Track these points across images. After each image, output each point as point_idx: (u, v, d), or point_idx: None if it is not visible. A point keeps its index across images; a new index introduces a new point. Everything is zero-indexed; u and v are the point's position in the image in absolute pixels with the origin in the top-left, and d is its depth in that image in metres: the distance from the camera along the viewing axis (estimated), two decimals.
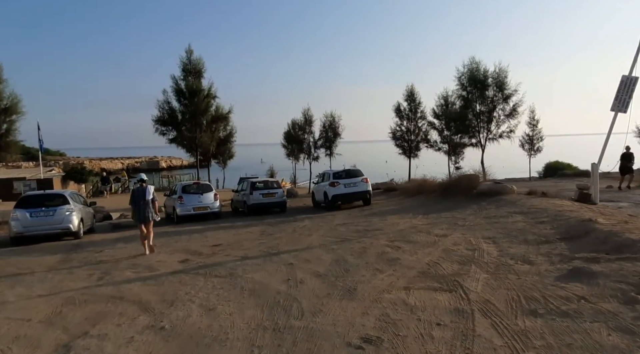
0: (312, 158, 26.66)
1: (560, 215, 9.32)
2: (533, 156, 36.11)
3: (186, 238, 12.51)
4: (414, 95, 26.73)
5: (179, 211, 16.74)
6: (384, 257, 7.84)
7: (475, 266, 6.56)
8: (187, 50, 21.34)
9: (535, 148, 35.69)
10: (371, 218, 13.61)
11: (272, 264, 8.13)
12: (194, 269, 8.27)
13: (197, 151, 21.79)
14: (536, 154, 36.29)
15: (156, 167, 72.84)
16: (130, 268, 8.87)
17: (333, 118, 25.58)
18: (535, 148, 35.65)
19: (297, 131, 27.11)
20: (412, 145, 26.81)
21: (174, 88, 21.00)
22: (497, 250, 7.46)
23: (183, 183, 17.97)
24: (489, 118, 18.29)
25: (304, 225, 13.37)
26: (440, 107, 23.84)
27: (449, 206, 13.79)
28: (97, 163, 71.50)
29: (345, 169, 18.18)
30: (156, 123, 21.03)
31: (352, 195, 17.40)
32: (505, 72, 17.94)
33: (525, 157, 36.18)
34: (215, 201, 17.29)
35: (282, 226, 13.41)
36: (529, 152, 35.97)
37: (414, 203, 16.24)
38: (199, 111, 20.68)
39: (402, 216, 13.14)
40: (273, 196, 18.11)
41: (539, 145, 35.78)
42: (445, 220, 11.42)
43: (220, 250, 10.13)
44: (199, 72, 21.25)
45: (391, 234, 10.19)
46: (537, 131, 35.70)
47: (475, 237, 8.69)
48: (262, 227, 13.64)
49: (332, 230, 11.68)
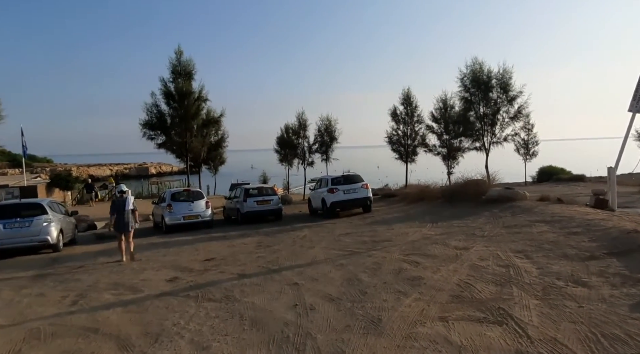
0: (306, 164, 25.54)
1: (594, 224, 8.34)
2: (528, 160, 35.62)
3: (175, 250, 11.29)
4: (411, 99, 25.84)
5: (168, 221, 15.49)
6: (403, 275, 6.76)
7: (518, 289, 5.51)
8: (176, 51, 20.17)
9: (531, 152, 35.27)
10: (376, 226, 12.53)
11: (274, 283, 7.00)
12: (183, 290, 7.10)
13: (187, 156, 20.55)
14: (531, 158, 35.81)
15: (145, 173, 71.08)
16: (111, 288, 7.67)
17: (329, 122, 24.54)
18: (530, 152, 35.24)
19: (291, 135, 26.01)
20: (408, 150, 25.88)
21: (162, 90, 19.74)
22: (535, 267, 6.42)
23: (172, 190, 16.71)
24: (493, 120, 17.38)
25: (303, 235, 12.24)
26: (439, 110, 22.96)
27: (458, 214, 12.79)
28: (85, 170, 69.50)
29: (344, 174, 17.10)
30: (144, 128, 19.74)
31: (351, 202, 16.33)
32: (510, 73, 17.10)
33: (519, 161, 35.69)
34: (206, 210, 16.07)
35: (280, 237, 12.27)
36: (525, 157, 35.51)
37: (418, 210, 15.21)
38: (189, 114, 19.47)
39: (409, 225, 12.09)
40: (268, 203, 16.96)
41: (535, 149, 35.36)
42: (459, 230, 10.38)
43: (213, 265, 8.96)
44: (189, 74, 20.02)
45: (403, 246, 9.12)
46: (532, 135, 35.22)
47: (502, 250, 7.65)
48: (258, 238, 12.48)
49: (336, 241, 10.58)
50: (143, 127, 19.61)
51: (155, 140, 19.87)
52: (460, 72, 18.06)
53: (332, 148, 24.60)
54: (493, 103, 17.15)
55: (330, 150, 24.65)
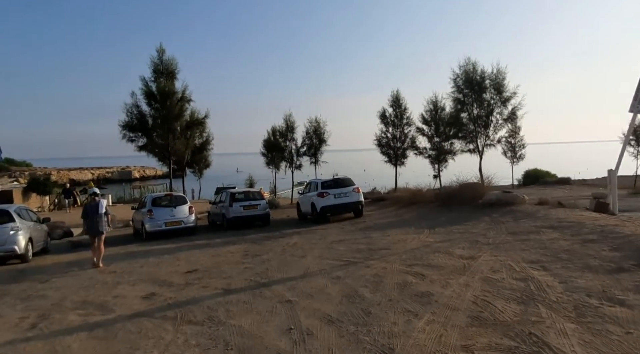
0: (294, 167, 24.69)
1: (609, 231, 7.71)
2: (515, 163, 35.42)
3: (155, 260, 10.33)
4: (400, 101, 25.23)
5: (148, 227, 14.48)
6: (410, 290, 5.99)
7: (546, 308, 4.78)
8: (158, 49, 19.01)
9: (518, 155, 35.09)
10: (370, 233, 11.76)
11: (263, 301, 6.15)
12: (160, 309, 6.20)
13: (169, 159, 19.49)
14: (518, 162, 35.65)
15: (128, 177, 69.28)
16: (78, 307, 6.72)
17: (318, 123, 23.73)
18: (517, 155, 35.05)
19: (278, 138, 25.13)
20: (398, 153, 25.24)
21: (143, 90, 18.65)
22: (557, 280, 5.71)
23: (153, 195, 15.68)
24: (486, 122, 16.81)
25: (293, 242, 11.39)
26: (429, 112, 22.36)
27: (456, 219, 12.11)
28: (65, 174, 67.33)
29: (334, 178, 16.32)
30: (124, 129, 18.62)
31: (342, 206, 15.54)
32: (504, 73, 16.52)
33: (506, 164, 35.46)
34: (190, 215, 15.10)
35: (269, 244, 11.40)
36: (512, 160, 35.30)
37: (412, 215, 14.52)
38: (171, 115, 18.44)
39: (405, 231, 11.36)
40: (255, 208, 16.06)
41: (521, 152, 35.19)
42: (461, 236, 9.67)
43: (195, 278, 8.06)
44: (172, 73, 18.97)
45: (403, 255, 8.36)
46: (519, 138, 35.04)
47: (514, 260, 6.94)
48: (245, 245, 11.59)
49: (329, 249, 9.76)
50: (123, 128, 18.51)
51: (136, 142, 18.78)
52: (453, 73, 17.49)
53: (321, 151, 23.79)
54: (486, 104, 16.60)
55: (319, 152, 23.83)
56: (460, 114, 16.90)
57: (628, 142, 35.78)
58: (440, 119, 21.98)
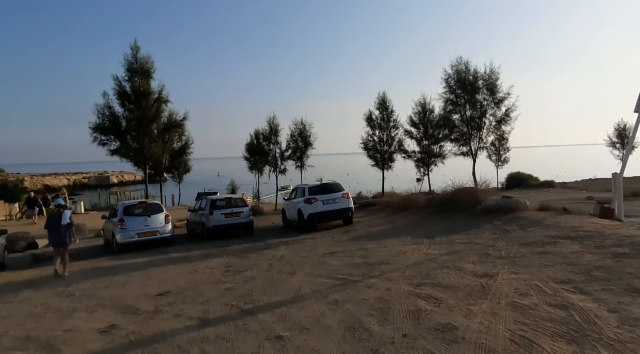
0: (278, 171, 23.47)
1: (638, 243, 6.77)
2: (500, 167, 34.98)
3: (122, 279, 8.99)
4: (387, 103, 24.33)
5: (119, 239, 13.07)
6: (426, 321, 4.89)
7: (607, 351, 3.74)
8: (132, 46, 17.51)
9: (502, 159, 34.65)
10: (364, 243, 10.66)
11: (248, 337, 4.97)
12: (119, 350, 4.96)
13: (145, 164, 18.05)
14: (503, 165, 35.22)
15: (106, 182, 66.76)
16: (18, 346, 5.42)
17: (304, 126, 22.58)
18: (502, 159, 34.61)
19: (262, 141, 23.90)
20: (385, 156, 24.30)
21: (116, 90, 17.17)
22: (604, 308, 4.70)
23: (125, 203, 14.24)
24: (479, 124, 15.95)
25: (280, 254, 10.20)
26: (417, 114, 21.51)
27: (454, 227, 11.13)
28: (39, 180, 64.52)
29: (322, 183, 15.19)
30: (94, 132, 17.08)
31: (331, 213, 14.41)
32: (497, 74, 15.73)
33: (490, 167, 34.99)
34: (165, 225, 13.73)
35: (253, 257, 10.19)
36: (496, 163, 34.85)
37: (405, 222, 13.49)
38: (147, 117, 17.03)
39: (402, 241, 10.30)
40: (237, 216, 14.79)
41: (506, 156, 34.77)
42: (466, 248, 8.66)
43: (167, 303, 6.81)
44: (147, 72, 17.49)
45: (407, 271, 7.28)
46: (504, 142, 34.63)
47: (540, 280, 5.92)
48: (226, 259, 10.35)
49: (322, 264, 8.62)
50: (93, 130, 16.96)
51: (108, 145, 17.27)
52: (445, 73, 16.59)
53: (306, 155, 22.63)
54: (479, 105, 15.76)
55: (305, 156, 22.66)
56: (452, 115, 16.00)
57: (613, 145, 35.41)
58: (429, 121, 21.16)
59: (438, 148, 21.42)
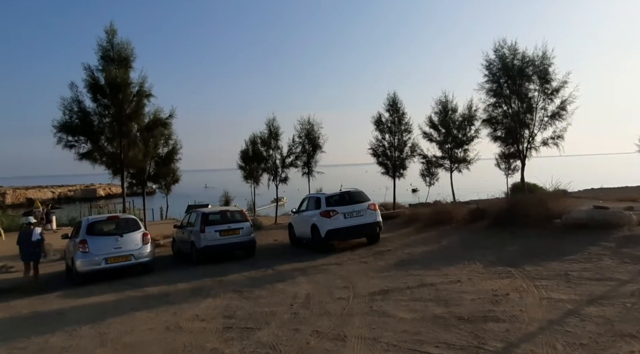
0: (278, 180, 20.08)
1: None
2: (510, 175, 32.03)
3: (59, 343, 5.47)
4: (397, 105, 21.23)
5: (80, 266, 9.51)
6: None
7: None
8: (107, 29, 14.07)
9: (512, 167, 31.74)
10: (415, 272, 7.32)
11: None
12: None
13: (122, 171, 14.47)
14: (513, 173, 32.28)
15: (93, 195, 62.30)
16: None
17: (311, 125, 19.25)
18: (512, 167, 31.69)
19: (260, 147, 20.52)
20: (396, 163, 21.10)
21: (88, 81, 13.68)
22: None
23: (91, 218, 10.64)
24: (522, 121, 12.75)
25: (304, 293, 6.79)
26: (439, 114, 18.39)
27: (534, 248, 7.90)
28: (22, 193, 59.92)
29: (342, 191, 11.81)
30: (59, 131, 13.45)
31: (355, 230, 11.04)
32: (550, 59, 12.57)
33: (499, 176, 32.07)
34: (143, 246, 10.19)
35: (264, 297, 6.76)
36: (506, 171, 31.90)
37: (452, 240, 10.20)
38: (125, 114, 13.59)
39: (472, 270, 7.03)
40: (236, 233, 11.33)
41: (516, 164, 31.87)
42: (604, 288, 5.38)
43: None
44: (126, 61, 13.90)
45: (557, 343, 3.96)
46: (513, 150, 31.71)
47: None
48: (224, 299, 6.90)
49: (379, 316, 5.24)
50: (58, 130, 13.37)
51: (77, 148, 13.67)
52: (486, 58, 13.34)
53: (315, 159, 19.23)
54: (528, 97, 12.63)
55: (313, 161, 19.26)
56: (495, 109, 12.87)
57: None
58: (453, 122, 18.06)
59: (462, 152, 18.28)
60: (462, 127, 18.06)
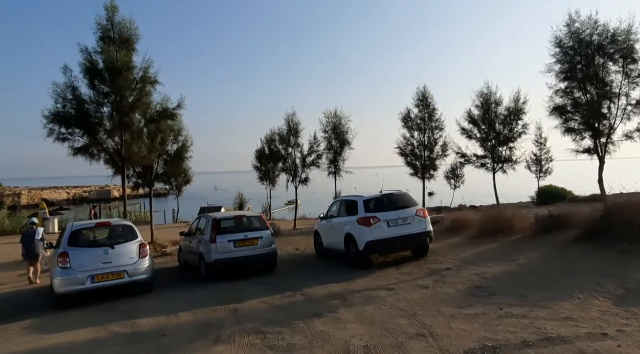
0: (298, 181, 17.82)
1: None
2: (542, 178, 29.33)
3: None
4: (428, 100, 18.90)
5: (58, 286, 7.34)
6: None
7: None
8: (107, 6, 11.89)
9: (544, 170, 29.06)
10: (517, 308, 4.95)
11: None
12: None
13: (124, 169, 12.29)
14: (545, 176, 29.58)
15: (107, 196, 60.96)
16: None
17: (339, 119, 16.92)
18: (543, 170, 29.02)
19: (278, 144, 18.31)
20: (425, 163, 18.72)
21: (84, 65, 11.57)
22: None
23: (75, 225, 8.42)
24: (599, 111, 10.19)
25: (360, 343, 4.44)
26: (480, 107, 15.94)
27: None
28: (37, 193, 58.77)
29: (383, 193, 9.41)
30: (50, 122, 11.30)
31: (401, 241, 8.64)
32: (636, 33, 9.96)
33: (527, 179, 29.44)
34: (139, 260, 7.98)
35: (298, 347, 4.44)
36: (537, 174, 29.20)
37: (532, 257, 7.77)
38: (126, 103, 11.46)
39: (606, 309, 4.64)
40: (254, 243, 9.06)
41: (548, 166, 29.18)
42: None
43: None
44: (128, 42, 11.79)
45: None
46: (545, 150, 29.01)
47: None
48: (240, 349, 4.62)
49: None
50: (49, 121, 11.24)
51: (71, 142, 11.53)
52: (556, 34, 10.65)
53: (342, 157, 16.88)
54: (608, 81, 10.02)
55: (341, 158, 16.91)
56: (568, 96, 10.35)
57: None
58: (497, 116, 15.63)
59: (507, 150, 15.82)
60: (507, 121, 15.58)
